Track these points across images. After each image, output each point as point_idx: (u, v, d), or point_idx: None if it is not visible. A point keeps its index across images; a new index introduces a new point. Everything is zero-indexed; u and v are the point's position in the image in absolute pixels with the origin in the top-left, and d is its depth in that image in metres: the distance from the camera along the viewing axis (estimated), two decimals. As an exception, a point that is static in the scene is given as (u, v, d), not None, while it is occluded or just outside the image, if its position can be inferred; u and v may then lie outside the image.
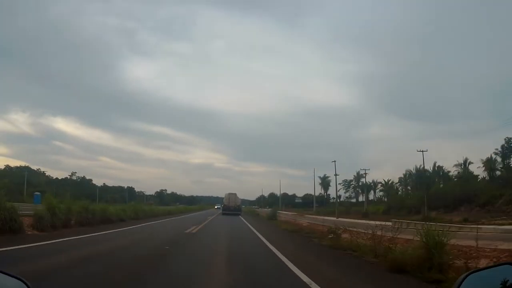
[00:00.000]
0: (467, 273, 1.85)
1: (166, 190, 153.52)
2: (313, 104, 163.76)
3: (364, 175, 63.50)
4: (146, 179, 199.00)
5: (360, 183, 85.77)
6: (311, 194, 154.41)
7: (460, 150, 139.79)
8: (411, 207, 47.93)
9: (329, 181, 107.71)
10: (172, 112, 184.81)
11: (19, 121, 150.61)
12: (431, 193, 48.13)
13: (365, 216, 42.97)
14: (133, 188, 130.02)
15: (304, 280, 6.74)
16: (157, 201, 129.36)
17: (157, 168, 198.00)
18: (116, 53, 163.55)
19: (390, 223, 31.46)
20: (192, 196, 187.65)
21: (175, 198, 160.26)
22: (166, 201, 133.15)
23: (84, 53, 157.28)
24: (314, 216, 49.25)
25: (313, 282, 6.47)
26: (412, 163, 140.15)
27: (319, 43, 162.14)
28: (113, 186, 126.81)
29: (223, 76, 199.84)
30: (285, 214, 46.52)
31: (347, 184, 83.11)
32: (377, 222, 29.99)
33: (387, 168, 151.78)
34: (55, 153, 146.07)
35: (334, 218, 45.92)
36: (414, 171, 65.47)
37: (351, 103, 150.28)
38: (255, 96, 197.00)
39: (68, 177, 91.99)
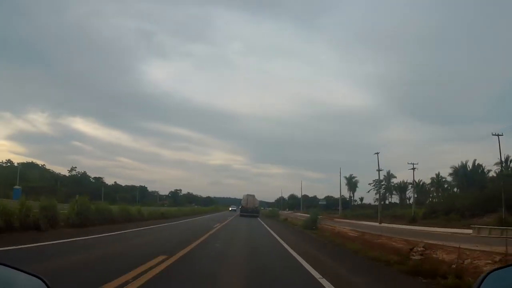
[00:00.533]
0: (488, 271, 1.79)
1: (180, 190, 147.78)
2: (331, 106, 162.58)
3: (412, 169, 52.10)
4: (165, 179, 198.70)
5: (392, 184, 76.77)
6: (332, 196, 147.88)
7: (478, 152, 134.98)
8: (463, 209, 39.68)
9: (357, 181, 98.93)
10: (190, 113, 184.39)
11: (38, 121, 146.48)
12: (487, 193, 39.78)
13: (413, 221, 34.83)
14: (146, 188, 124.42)
15: None
16: (171, 201, 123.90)
17: (175, 169, 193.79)
18: (134, 54, 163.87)
19: (471, 231, 23.98)
20: (208, 197, 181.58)
21: (191, 198, 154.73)
22: (180, 202, 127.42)
23: (103, 55, 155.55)
24: (348, 221, 41.86)
25: None
26: (433, 165, 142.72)
27: (336, 45, 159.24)
28: (126, 186, 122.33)
29: (241, 77, 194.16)
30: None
31: (378, 184, 74.28)
32: (452, 230, 22.43)
33: (406, 170, 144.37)
34: (73, 152, 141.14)
35: (376, 224, 38.64)
36: (459, 168, 56.59)
37: (370, 105, 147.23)
38: (273, 97, 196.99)
39: (68, 172, 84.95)
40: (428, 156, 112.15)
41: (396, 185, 77.52)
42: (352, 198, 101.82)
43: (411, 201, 71.54)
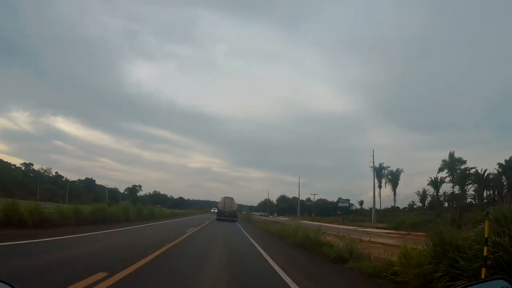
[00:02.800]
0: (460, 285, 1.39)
1: (140, 186, 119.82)
2: (315, 111, 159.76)
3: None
4: (144, 181, 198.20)
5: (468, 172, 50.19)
6: (326, 200, 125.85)
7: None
8: None
9: (399, 172, 73.49)
10: (172, 115, 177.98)
11: (20, 119, 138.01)
12: None
13: None
14: (94, 181, 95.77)
15: None
16: (130, 200, 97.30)
17: (156, 171, 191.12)
18: (118, 54, 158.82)
19: None
20: (181, 198, 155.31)
21: (157, 198, 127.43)
22: (143, 202, 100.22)
23: (86, 54, 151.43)
24: None
25: None
26: (416, 171, 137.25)
27: (321, 49, 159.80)
28: (77, 180, 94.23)
29: (224, 80, 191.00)
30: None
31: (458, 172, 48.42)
32: None
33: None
34: (54, 152, 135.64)
35: None
36: None
37: (352, 110, 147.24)
38: (257, 101, 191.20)
39: None
40: (410, 162, 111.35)
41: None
42: (394, 197, 75.78)
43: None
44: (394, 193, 74.44)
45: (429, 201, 67.24)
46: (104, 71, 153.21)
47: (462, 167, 50.09)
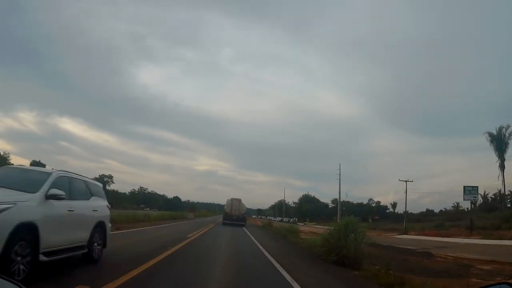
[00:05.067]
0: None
1: (111, 177, 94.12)
2: (321, 115, 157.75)
3: None
4: (150, 183, 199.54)
5: None
6: (350, 202, 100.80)
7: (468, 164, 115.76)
8: None
9: None
10: (178, 118, 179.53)
11: (26, 119, 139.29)
12: None
13: None
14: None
15: None
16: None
17: (161, 173, 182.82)
18: (125, 57, 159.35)
19: None
20: (177, 198, 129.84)
21: (145, 197, 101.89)
22: (113, 199, 74.04)
23: (93, 56, 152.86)
24: None
25: None
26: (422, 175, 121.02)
27: (328, 54, 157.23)
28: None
29: (230, 84, 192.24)
30: None
31: None
32: None
33: (390, 184, 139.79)
34: (60, 153, 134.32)
35: None
36: None
37: (359, 115, 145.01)
38: (262, 105, 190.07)
39: None
40: (416, 167, 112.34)
41: None
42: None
43: None
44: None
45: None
46: (111, 73, 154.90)
47: None
